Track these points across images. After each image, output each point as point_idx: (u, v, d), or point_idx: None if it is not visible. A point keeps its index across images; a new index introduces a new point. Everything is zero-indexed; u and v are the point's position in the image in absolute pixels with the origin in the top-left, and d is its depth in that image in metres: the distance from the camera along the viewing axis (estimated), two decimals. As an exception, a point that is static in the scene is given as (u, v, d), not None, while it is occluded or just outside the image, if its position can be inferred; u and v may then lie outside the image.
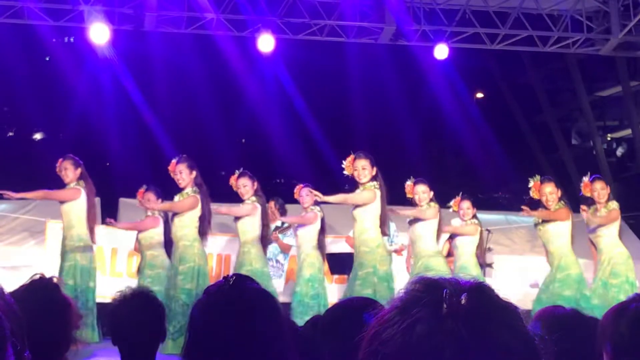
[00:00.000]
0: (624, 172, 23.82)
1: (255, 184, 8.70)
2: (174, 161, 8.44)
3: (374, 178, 8.27)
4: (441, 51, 11.92)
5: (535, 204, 8.47)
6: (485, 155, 19.91)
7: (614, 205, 8.42)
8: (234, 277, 1.93)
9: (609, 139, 25.42)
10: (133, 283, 9.22)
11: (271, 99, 19.07)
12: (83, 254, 8.62)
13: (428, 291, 1.05)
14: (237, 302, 1.85)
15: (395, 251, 9.95)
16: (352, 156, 8.33)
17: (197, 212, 8.34)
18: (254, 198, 8.65)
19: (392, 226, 10.20)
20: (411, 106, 19.54)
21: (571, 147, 24.07)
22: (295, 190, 9.21)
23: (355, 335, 1.14)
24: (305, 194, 8.98)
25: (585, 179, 8.59)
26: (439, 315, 1.01)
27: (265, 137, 19.29)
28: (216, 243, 10.71)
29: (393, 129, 19.91)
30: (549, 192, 8.32)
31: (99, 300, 9.10)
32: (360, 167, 8.21)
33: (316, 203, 8.94)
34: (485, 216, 13.03)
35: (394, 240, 10.09)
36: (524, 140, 22.95)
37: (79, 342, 2.74)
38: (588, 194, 8.46)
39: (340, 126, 18.67)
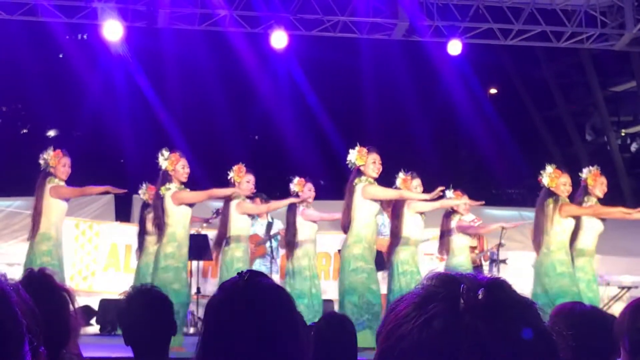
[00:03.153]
0: (638, 167, 23.71)
1: None
2: (178, 154, 8.34)
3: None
4: (455, 47, 11.89)
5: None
6: (499, 151, 19.85)
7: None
8: (248, 273, 1.92)
9: (623, 134, 25.26)
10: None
11: (284, 96, 19.06)
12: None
13: (445, 286, 1.04)
14: (251, 298, 1.85)
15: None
16: (363, 148, 8.18)
17: None
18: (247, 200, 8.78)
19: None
20: (425, 102, 19.49)
21: (585, 143, 23.95)
22: (297, 182, 9.19)
23: None
24: (312, 189, 9.06)
25: (595, 169, 8.45)
26: (456, 310, 1.01)
27: (277, 133, 19.26)
28: None
29: (406, 125, 19.86)
30: (570, 183, 8.21)
31: (113, 296, 9.09)
32: (379, 162, 8.15)
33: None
34: (498, 212, 13.01)
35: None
36: (538, 136, 22.87)
37: (81, 328, 2.72)
38: (591, 183, 8.33)
39: (353, 123, 18.62)
